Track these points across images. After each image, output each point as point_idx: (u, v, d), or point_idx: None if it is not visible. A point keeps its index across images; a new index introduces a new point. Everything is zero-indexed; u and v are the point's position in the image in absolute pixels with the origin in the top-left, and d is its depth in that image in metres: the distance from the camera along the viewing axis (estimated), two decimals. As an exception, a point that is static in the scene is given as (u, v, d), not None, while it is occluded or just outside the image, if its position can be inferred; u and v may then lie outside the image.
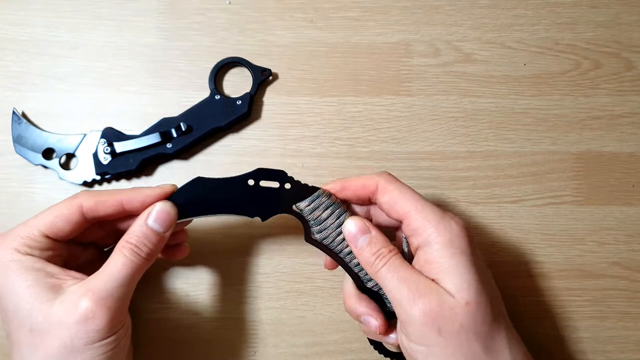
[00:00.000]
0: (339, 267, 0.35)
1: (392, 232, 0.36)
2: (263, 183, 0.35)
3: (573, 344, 0.41)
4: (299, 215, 0.35)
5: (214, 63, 0.44)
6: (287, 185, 0.34)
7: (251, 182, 0.35)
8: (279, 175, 0.35)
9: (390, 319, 0.34)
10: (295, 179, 0.35)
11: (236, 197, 0.35)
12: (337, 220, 0.34)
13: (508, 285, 0.41)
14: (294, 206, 0.34)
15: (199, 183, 0.35)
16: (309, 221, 0.34)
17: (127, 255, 0.31)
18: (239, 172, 0.43)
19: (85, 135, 0.42)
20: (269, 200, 0.35)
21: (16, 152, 0.42)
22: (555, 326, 0.41)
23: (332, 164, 0.43)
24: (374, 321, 0.34)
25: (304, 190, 0.34)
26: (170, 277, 0.41)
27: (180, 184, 0.43)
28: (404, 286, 0.31)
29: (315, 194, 0.34)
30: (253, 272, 0.42)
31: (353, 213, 0.36)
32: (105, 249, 0.38)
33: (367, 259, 0.32)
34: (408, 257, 0.34)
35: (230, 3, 0.46)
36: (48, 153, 0.42)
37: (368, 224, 0.34)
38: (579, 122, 0.44)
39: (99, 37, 0.45)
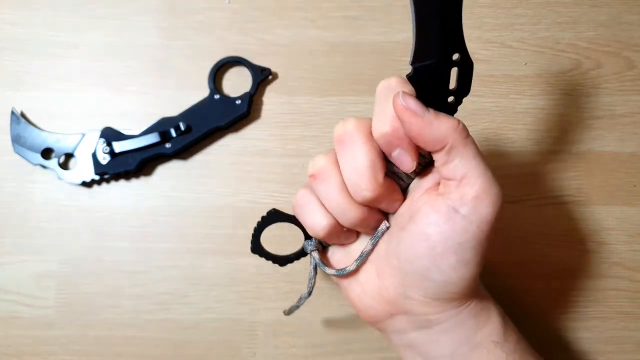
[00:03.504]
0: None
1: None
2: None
3: (574, 344, 0.41)
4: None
5: (214, 62, 0.44)
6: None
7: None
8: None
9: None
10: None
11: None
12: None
13: (508, 285, 0.41)
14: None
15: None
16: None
17: None
18: (239, 172, 0.43)
19: (84, 135, 0.42)
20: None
21: (15, 151, 0.42)
22: (556, 327, 0.41)
23: (332, 163, 0.43)
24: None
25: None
26: (170, 277, 0.41)
27: (179, 184, 0.43)
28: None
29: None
30: (253, 273, 0.41)
31: None
32: None
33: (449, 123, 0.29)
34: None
35: (229, 2, 0.45)
36: (47, 153, 0.42)
37: None
38: (580, 122, 0.44)
39: (98, 36, 0.45)
